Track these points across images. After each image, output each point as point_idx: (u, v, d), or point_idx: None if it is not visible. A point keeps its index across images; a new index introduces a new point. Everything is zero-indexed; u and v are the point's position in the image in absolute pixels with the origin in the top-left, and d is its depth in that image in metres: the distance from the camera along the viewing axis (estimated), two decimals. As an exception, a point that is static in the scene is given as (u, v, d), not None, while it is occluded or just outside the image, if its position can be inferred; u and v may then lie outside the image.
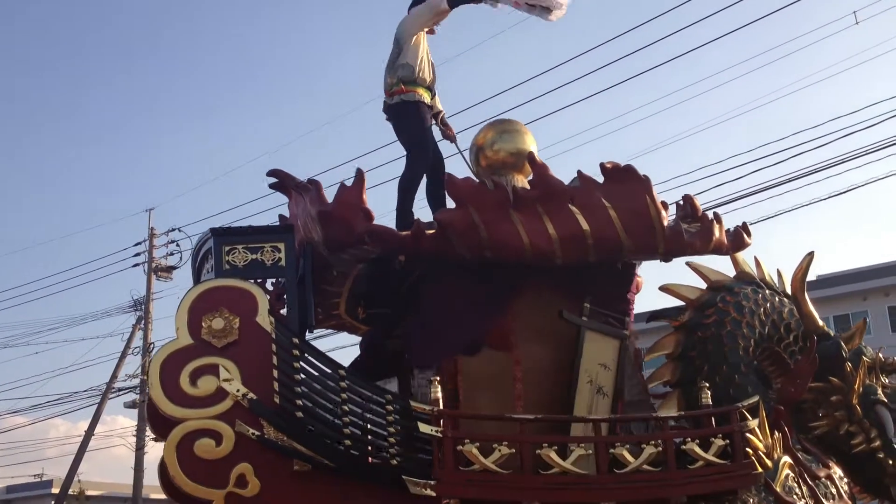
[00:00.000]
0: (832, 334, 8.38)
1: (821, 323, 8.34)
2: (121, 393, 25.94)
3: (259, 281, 6.06)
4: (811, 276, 8.26)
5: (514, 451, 5.74)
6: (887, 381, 8.69)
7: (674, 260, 7.14)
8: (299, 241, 6.41)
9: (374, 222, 6.27)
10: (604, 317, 6.93)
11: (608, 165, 6.47)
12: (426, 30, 7.40)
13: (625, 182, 6.44)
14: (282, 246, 6.12)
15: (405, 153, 7.24)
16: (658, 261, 7.05)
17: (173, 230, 26.56)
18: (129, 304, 26.39)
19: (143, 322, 25.98)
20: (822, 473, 7.47)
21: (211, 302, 5.84)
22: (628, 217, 6.34)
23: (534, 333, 6.77)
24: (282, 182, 7.23)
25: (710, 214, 7.07)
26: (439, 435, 5.64)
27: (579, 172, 6.60)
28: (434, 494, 5.53)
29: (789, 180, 12.97)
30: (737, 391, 7.34)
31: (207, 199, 68.03)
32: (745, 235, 7.30)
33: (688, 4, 12.75)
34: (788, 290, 8.36)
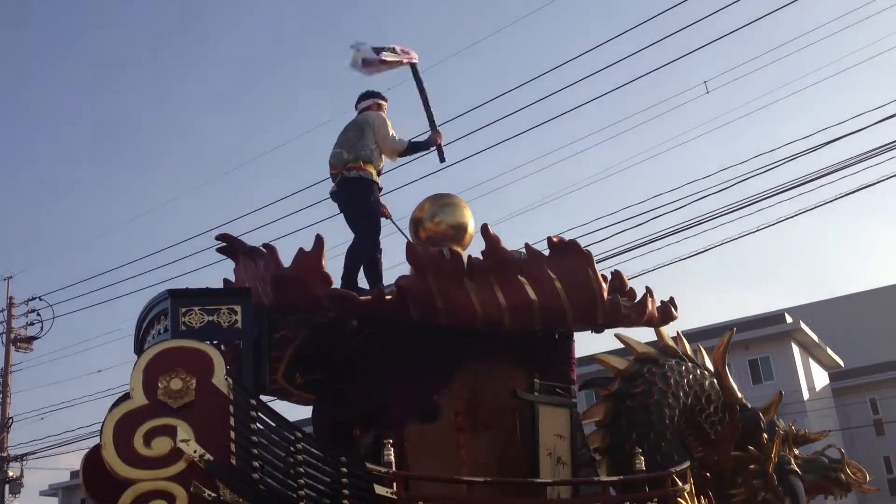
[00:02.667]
0: (749, 406, 8.97)
1: (740, 395, 8.94)
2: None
3: (215, 343, 6.18)
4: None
5: (469, 514, 5.98)
6: (798, 451, 9.34)
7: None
8: (254, 305, 6.57)
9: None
10: (552, 388, 7.28)
11: (555, 240, 6.91)
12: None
13: (569, 256, 6.90)
14: (238, 308, 6.28)
15: (356, 225, 7.61)
16: (591, 331, 7.52)
17: (33, 299, 25.56)
18: (-15, 376, 25.23)
19: (1, 395, 24.97)
20: (746, 539, 7.93)
21: (167, 362, 5.92)
22: (572, 289, 6.78)
23: (480, 402, 7.06)
24: (230, 246, 7.40)
25: (644, 289, 7.57)
26: (394, 497, 5.83)
27: (527, 245, 7.02)
28: (395, 565, 5.69)
29: (652, 240, 13.98)
30: (663, 458, 7.76)
31: (73, 265, 66.12)
32: (672, 309, 7.82)
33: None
34: (707, 364, 8.95)
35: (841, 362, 39.88)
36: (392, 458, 6.05)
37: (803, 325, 35.92)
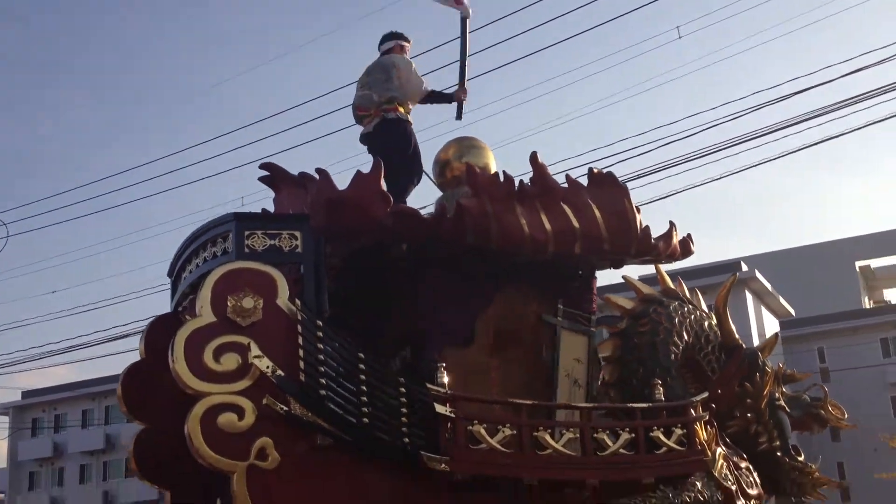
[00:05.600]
0: (743, 346, 9.71)
1: (737, 336, 9.67)
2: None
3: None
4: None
5: (514, 432, 6.54)
6: (785, 389, 10.15)
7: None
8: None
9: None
10: (574, 316, 7.84)
11: (595, 171, 7.43)
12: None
13: (607, 187, 7.42)
14: (298, 234, 6.65)
15: (400, 166, 7.89)
16: (621, 264, 8.10)
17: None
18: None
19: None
20: (742, 465, 8.68)
21: (235, 282, 6.31)
22: (610, 218, 7.32)
23: (509, 326, 7.60)
24: (273, 175, 7.74)
25: (668, 223, 8.14)
26: (452, 415, 6.37)
27: (567, 176, 7.53)
28: (448, 469, 6.24)
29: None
30: (668, 392, 8.41)
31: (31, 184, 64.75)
32: (690, 244, 8.40)
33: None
34: (703, 306, 9.63)
35: (792, 311, 41.56)
36: (446, 380, 6.57)
37: (758, 274, 37.29)
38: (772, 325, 39.14)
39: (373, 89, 8.14)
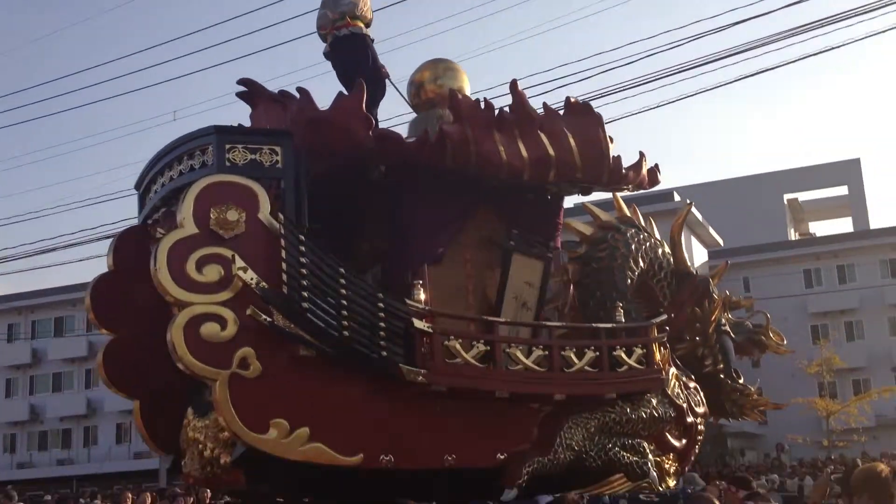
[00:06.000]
0: (696, 274, 10.12)
1: (689, 264, 10.07)
2: None
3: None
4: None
5: (488, 348, 6.80)
6: (729, 315, 10.63)
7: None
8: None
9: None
10: (531, 240, 8.05)
11: (571, 100, 7.58)
12: None
13: (582, 116, 7.58)
14: (279, 149, 6.69)
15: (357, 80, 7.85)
16: (589, 191, 8.32)
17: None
18: None
19: None
20: (691, 384, 9.14)
21: (218, 195, 6.37)
22: (584, 147, 7.51)
23: (479, 251, 7.82)
24: (251, 91, 7.72)
25: (638, 153, 8.37)
26: (430, 330, 6.59)
27: (545, 104, 7.67)
28: (425, 381, 6.49)
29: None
30: (623, 316, 8.79)
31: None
32: (657, 174, 8.67)
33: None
34: (656, 234, 9.98)
35: (720, 241, 42.72)
36: (423, 297, 6.77)
37: (693, 210, 38.13)
38: (701, 255, 40.22)
39: (327, 7, 8.08)
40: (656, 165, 8.70)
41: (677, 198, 37.91)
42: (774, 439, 34.93)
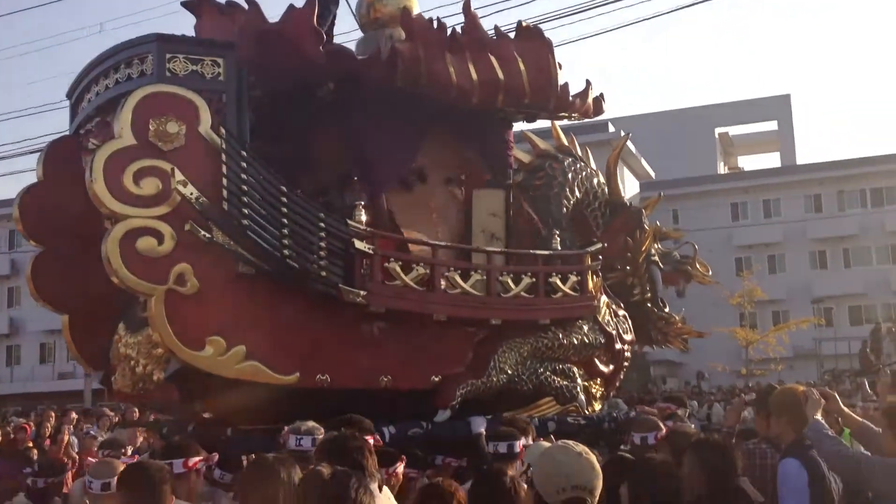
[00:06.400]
0: (630, 204, 10.30)
1: (623, 195, 10.25)
2: None
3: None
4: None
5: (427, 271, 6.87)
6: (658, 246, 10.88)
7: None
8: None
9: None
10: (490, 169, 8.09)
11: (523, 25, 7.55)
12: None
13: (533, 40, 7.56)
14: (221, 61, 6.55)
15: None
16: (535, 118, 8.37)
17: None
18: None
19: None
20: (620, 312, 9.37)
21: (157, 106, 6.24)
22: (533, 72, 7.50)
23: (439, 176, 7.83)
24: (196, 0, 7.50)
25: (585, 82, 8.42)
26: (371, 252, 6.61)
27: (496, 27, 7.63)
28: (364, 302, 6.54)
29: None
30: (559, 244, 8.94)
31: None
32: (602, 103, 8.73)
33: None
34: (592, 164, 10.11)
35: (652, 173, 43.35)
36: (364, 218, 6.78)
37: (629, 144, 38.47)
38: (632, 186, 40.79)
39: None
40: (601, 95, 8.76)
41: (612, 129, 38.28)
42: (695, 367, 36.09)
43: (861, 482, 4.42)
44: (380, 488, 3.82)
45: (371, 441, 4.56)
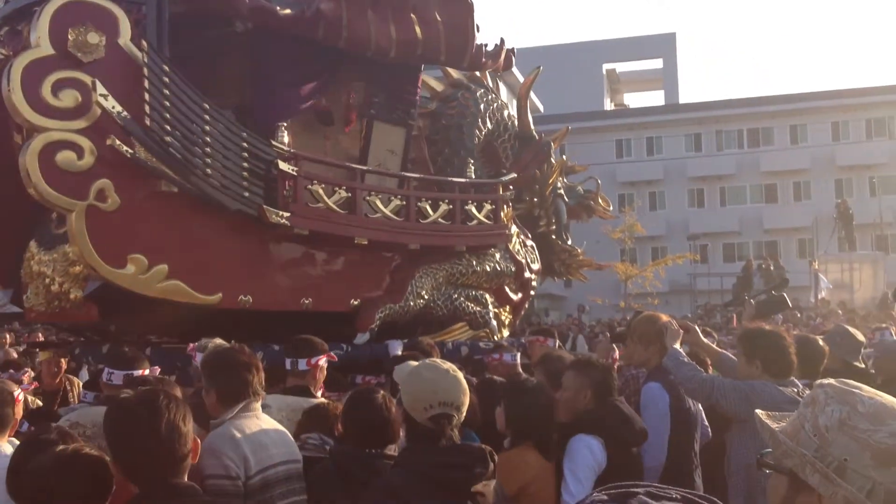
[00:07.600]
0: (539, 137, 10.59)
1: (532, 127, 10.53)
2: None
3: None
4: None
5: (349, 195, 6.97)
6: (565, 180, 11.26)
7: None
8: None
9: None
10: (392, 108, 8.16)
11: None
12: None
13: (456, 3, 7.69)
14: (143, -27, 6.42)
15: None
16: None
17: None
18: None
19: None
20: (528, 242, 9.71)
21: (76, 15, 6.08)
22: (451, 33, 7.68)
23: (341, 112, 7.88)
24: None
25: (499, 40, 8.59)
26: (294, 173, 6.66)
27: None
28: (289, 224, 6.60)
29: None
30: (470, 173, 9.16)
31: None
32: (512, 59, 8.91)
33: None
34: (503, 97, 10.33)
35: (541, 107, 43.86)
36: (287, 139, 6.81)
37: (514, 70, 38.73)
38: (521, 118, 41.15)
39: None
40: (512, 50, 8.94)
41: (503, 59, 38.36)
42: (577, 301, 37.22)
43: (714, 405, 4.71)
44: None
45: (324, 358, 4.70)
